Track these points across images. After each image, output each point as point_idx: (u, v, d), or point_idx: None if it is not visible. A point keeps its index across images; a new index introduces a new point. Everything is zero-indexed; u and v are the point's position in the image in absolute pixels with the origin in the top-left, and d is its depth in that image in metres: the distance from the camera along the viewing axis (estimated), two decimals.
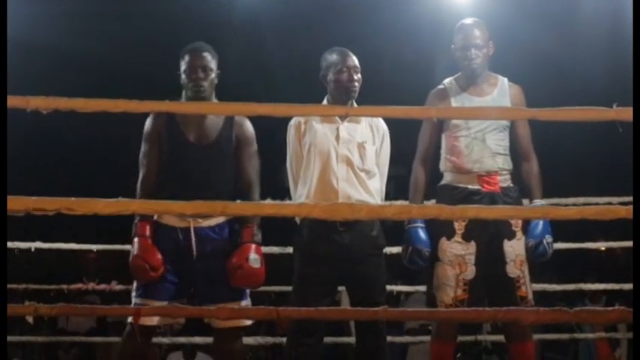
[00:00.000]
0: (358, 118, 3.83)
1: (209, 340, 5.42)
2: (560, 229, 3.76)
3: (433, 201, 3.95)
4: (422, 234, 3.73)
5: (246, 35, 9.34)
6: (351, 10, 8.83)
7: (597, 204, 5.15)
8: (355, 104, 3.83)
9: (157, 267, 3.52)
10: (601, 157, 11.45)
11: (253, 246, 3.57)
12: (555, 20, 8.51)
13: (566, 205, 5.15)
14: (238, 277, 3.54)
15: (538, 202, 3.77)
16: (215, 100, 3.70)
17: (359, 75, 3.81)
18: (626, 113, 2.50)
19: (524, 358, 3.78)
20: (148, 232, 3.56)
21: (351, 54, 3.84)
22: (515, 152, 3.84)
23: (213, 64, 3.68)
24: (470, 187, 3.74)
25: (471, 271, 3.71)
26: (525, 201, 3.88)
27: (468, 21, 3.86)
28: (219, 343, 3.71)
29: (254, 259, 3.55)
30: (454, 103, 3.80)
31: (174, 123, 3.64)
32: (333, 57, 3.84)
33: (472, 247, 3.71)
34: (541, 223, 3.70)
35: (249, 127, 3.73)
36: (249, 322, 3.71)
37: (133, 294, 3.64)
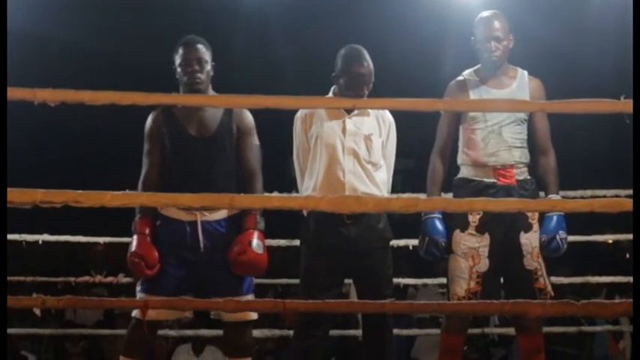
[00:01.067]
0: (365, 110, 3.82)
1: (216, 332, 5.44)
2: (568, 221, 3.75)
3: (450, 194, 3.94)
4: (439, 225, 3.72)
5: (253, 28, 9.34)
6: (357, 2, 8.82)
7: (605, 196, 5.14)
8: None
9: (152, 265, 3.54)
10: (609, 150, 11.43)
11: (256, 232, 3.57)
12: (564, 13, 8.49)
13: (574, 197, 5.14)
14: (240, 263, 3.54)
15: (554, 197, 3.76)
16: (212, 92, 3.71)
17: (370, 86, 3.79)
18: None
19: (534, 350, 3.78)
20: (147, 231, 3.58)
21: (366, 60, 3.78)
22: (533, 146, 3.83)
23: (207, 55, 3.67)
24: (485, 180, 3.74)
25: (484, 264, 3.70)
26: (542, 194, 3.87)
27: (488, 13, 3.84)
28: (228, 336, 3.73)
29: (257, 245, 3.54)
30: (472, 95, 3.79)
31: (174, 118, 3.65)
32: (348, 64, 3.78)
33: (486, 239, 3.71)
34: (555, 218, 3.69)
35: (248, 117, 3.74)
36: (256, 316, 3.71)
37: (138, 288, 3.65)
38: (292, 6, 8.74)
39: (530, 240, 3.72)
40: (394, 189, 4.17)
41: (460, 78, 3.86)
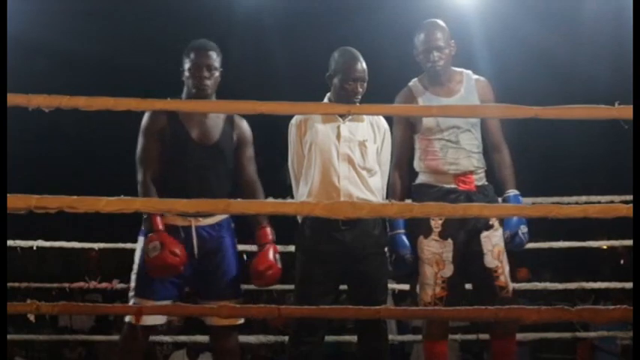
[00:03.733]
0: (359, 116, 3.83)
1: None
2: (563, 227, 3.77)
3: (409, 201, 3.96)
4: (404, 240, 3.78)
5: (248, 34, 9.34)
6: (352, 7, 8.82)
7: (599, 202, 5.15)
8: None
9: (185, 261, 3.47)
10: (604, 156, 11.45)
11: (273, 247, 3.66)
12: (558, 19, 8.50)
13: (569, 203, 5.15)
14: (267, 278, 3.64)
15: (512, 192, 3.80)
16: (214, 99, 3.70)
17: (364, 85, 3.80)
18: (629, 111, 2.50)
19: (506, 354, 3.80)
20: (162, 226, 3.50)
21: (360, 61, 3.80)
22: (486, 145, 3.86)
23: (217, 62, 3.67)
24: (446, 186, 3.79)
25: (448, 269, 3.74)
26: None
27: (428, 23, 3.86)
28: (215, 340, 3.73)
29: (278, 258, 3.66)
30: (422, 103, 3.82)
31: (177, 120, 3.63)
32: (342, 63, 3.80)
33: (449, 244, 3.74)
34: None
35: (247, 128, 3.77)
36: (242, 320, 3.72)
37: (131, 294, 3.63)
38: (287, 12, 8.75)
39: (489, 238, 3.75)
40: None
41: (406, 89, 3.89)
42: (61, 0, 8.36)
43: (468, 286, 3.88)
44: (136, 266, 3.66)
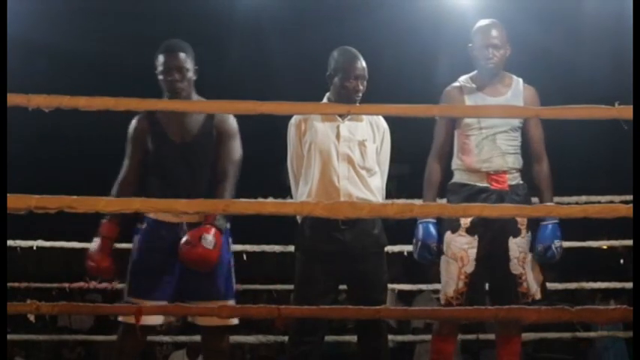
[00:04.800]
0: (359, 116, 3.83)
1: None
2: (563, 227, 3.77)
3: (445, 199, 3.96)
4: (432, 229, 3.76)
5: (247, 35, 9.34)
6: (353, 7, 8.82)
7: (599, 202, 5.15)
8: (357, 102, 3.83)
9: (105, 272, 3.62)
10: (604, 156, 11.45)
11: (212, 229, 3.50)
12: (558, 19, 8.50)
13: (569, 203, 5.15)
14: (188, 256, 3.47)
15: (548, 204, 3.78)
16: (196, 97, 3.69)
17: (365, 83, 3.81)
18: (629, 111, 2.50)
19: (512, 354, 3.81)
20: (111, 234, 3.60)
21: (360, 59, 3.81)
22: (527, 153, 3.86)
23: (188, 62, 3.65)
24: (479, 184, 3.78)
25: (471, 265, 3.74)
26: (535, 200, 3.90)
27: (487, 21, 3.87)
28: (206, 341, 3.72)
29: (208, 240, 3.47)
30: (468, 101, 3.81)
31: (157, 123, 3.66)
32: (343, 61, 3.81)
33: (475, 241, 3.74)
34: (550, 226, 3.72)
35: (230, 121, 3.71)
36: (236, 321, 3.71)
37: (125, 293, 3.65)
38: (287, 12, 8.75)
39: (518, 245, 3.75)
40: (389, 195, 4.18)
41: (456, 84, 3.89)
42: (60, 0, 8.36)
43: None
44: (130, 265, 3.67)
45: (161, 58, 3.64)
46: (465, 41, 3.88)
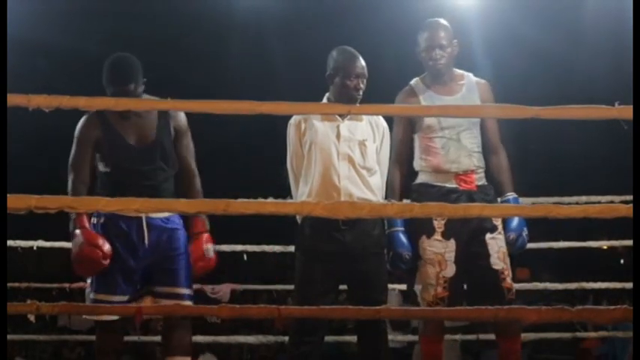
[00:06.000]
0: (358, 116, 3.83)
1: (212, 339, 5.44)
2: (563, 227, 3.77)
3: (408, 200, 3.95)
4: (402, 238, 3.76)
5: (247, 35, 9.34)
6: (352, 7, 8.82)
7: (599, 202, 5.15)
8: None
9: (108, 255, 3.54)
10: (604, 156, 11.45)
11: (206, 236, 3.72)
12: (558, 19, 8.50)
13: (569, 203, 5.15)
14: (199, 269, 3.71)
15: (510, 195, 3.81)
16: (146, 96, 3.67)
17: (365, 82, 3.81)
18: (629, 111, 2.50)
19: (512, 353, 3.81)
20: (87, 225, 3.57)
21: (360, 58, 3.81)
22: (484, 147, 3.86)
23: (136, 80, 3.61)
24: (447, 185, 3.78)
25: (450, 269, 3.74)
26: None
27: (431, 22, 3.87)
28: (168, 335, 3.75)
29: (210, 250, 3.72)
30: (423, 102, 3.82)
31: (109, 125, 3.65)
32: (343, 60, 3.81)
33: (452, 244, 3.74)
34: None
35: (183, 117, 3.77)
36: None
37: (88, 290, 3.67)
38: (287, 12, 8.75)
39: (495, 240, 3.75)
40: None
41: (407, 87, 3.89)
42: (60, 0, 8.36)
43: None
44: None
45: (111, 86, 3.59)
46: (464, 42, 3.88)
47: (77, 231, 3.54)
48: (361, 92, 3.80)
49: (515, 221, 3.74)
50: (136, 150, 3.65)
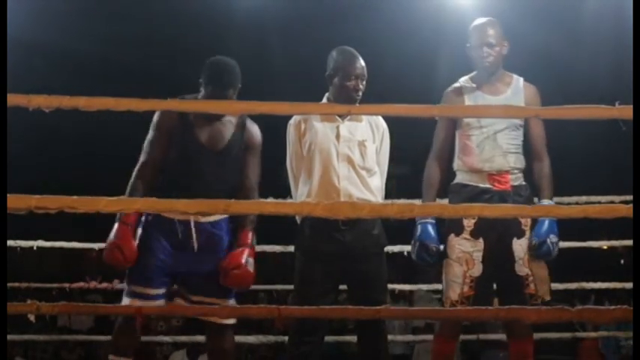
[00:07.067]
0: (358, 116, 3.83)
1: None
2: (563, 227, 3.77)
3: (446, 200, 3.95)
4: (431, 230, 3.73)
5: (248, 35, 9.34)
6: (353, 8, 8.82)
7: (599, 202, 5.15)
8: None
9: (130, 258, 3.51)
10: (604, 156, 11.45)
11: (249, 250, 3.62)
12: (558, 19, 8.51)
13: (569, 203, 5.15)
14: (233, 277, 3.56)
15: (546, 202, 3.78)
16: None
17: (364, 82, 3.81)
18: (629, 111, 2.50)
19: (523, 355, 3.79)
20: (131, 220, 3.54)
21: (359, 59, 3.82)
22: (528, 151, 3.85)
23: (235, 87, 3.64)
24: (480, 185, 3.76)
25: (477, 269, 3.72)
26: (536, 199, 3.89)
27: (482, 20, 3.87)
28: (211, 339, 3.73)
29: (250, 262, 3.60)
30: (468, 101, 3.81)
31: (188, 123, 3.63)
32: (342, 61, 3.81)
33: (480, 244, 3.72)
34: (547, 222, 3.69)
35: (258, 133, 3.76)
36: (234, 320, 3.73)
37: (126, 280, 3.64)
38: (287, 12, 8.75)
39: (522, 246, 3.73)
40: (388, 195, 4.17)
41: (456, 84, 3.89)
42: (60, 0, 8.36)
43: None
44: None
45: None
46: (464, 41, 3.88)
47: (115, 225, 3.52)
48: (360, 93, 3.80)
49: (542, 227, 3.69)
50: (206, 152, 3.63)
